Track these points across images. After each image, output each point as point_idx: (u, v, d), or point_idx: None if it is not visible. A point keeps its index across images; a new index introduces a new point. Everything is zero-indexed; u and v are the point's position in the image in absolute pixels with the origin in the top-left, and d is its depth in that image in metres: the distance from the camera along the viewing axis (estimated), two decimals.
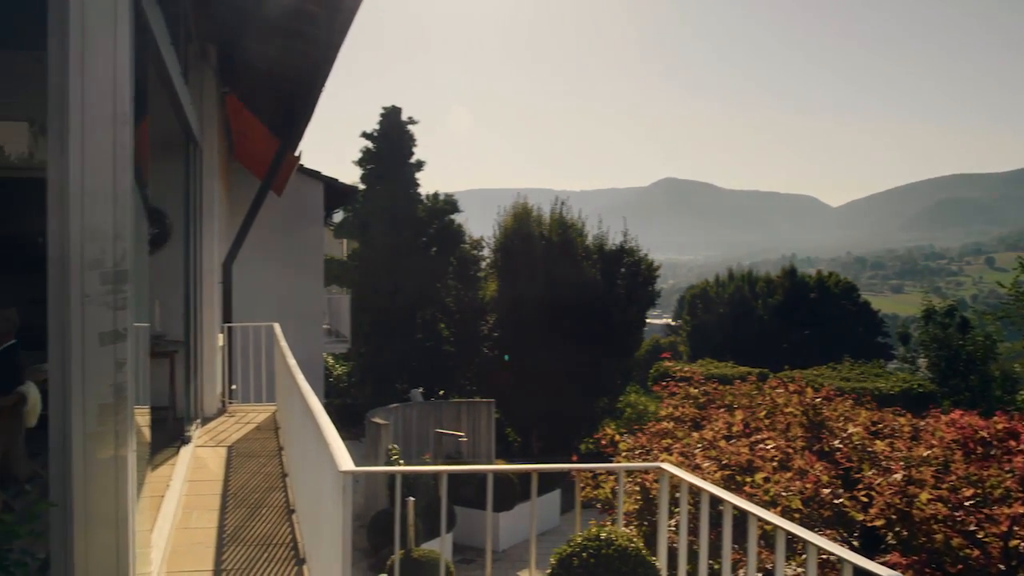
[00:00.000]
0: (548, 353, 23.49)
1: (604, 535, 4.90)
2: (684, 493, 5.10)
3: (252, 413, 10.54)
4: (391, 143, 27.33)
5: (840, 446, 10.12)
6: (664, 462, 5.91)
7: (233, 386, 11.24)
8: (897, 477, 8.71)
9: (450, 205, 28.31)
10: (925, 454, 9.10)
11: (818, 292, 42.67)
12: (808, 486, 8.68)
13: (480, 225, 29.80)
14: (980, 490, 8.19)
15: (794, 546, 7.58)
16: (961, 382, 29.40)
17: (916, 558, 8.19)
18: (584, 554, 4.81)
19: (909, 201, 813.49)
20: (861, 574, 3.53)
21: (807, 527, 4.37)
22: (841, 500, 8.86)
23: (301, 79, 9.21)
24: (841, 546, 3.83)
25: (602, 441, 10.98)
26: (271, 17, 8.11)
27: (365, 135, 27.78)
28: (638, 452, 10.32)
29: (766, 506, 7.77)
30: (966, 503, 8.12)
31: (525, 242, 25.49)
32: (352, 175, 27.91)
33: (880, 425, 11.08)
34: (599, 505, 10.12)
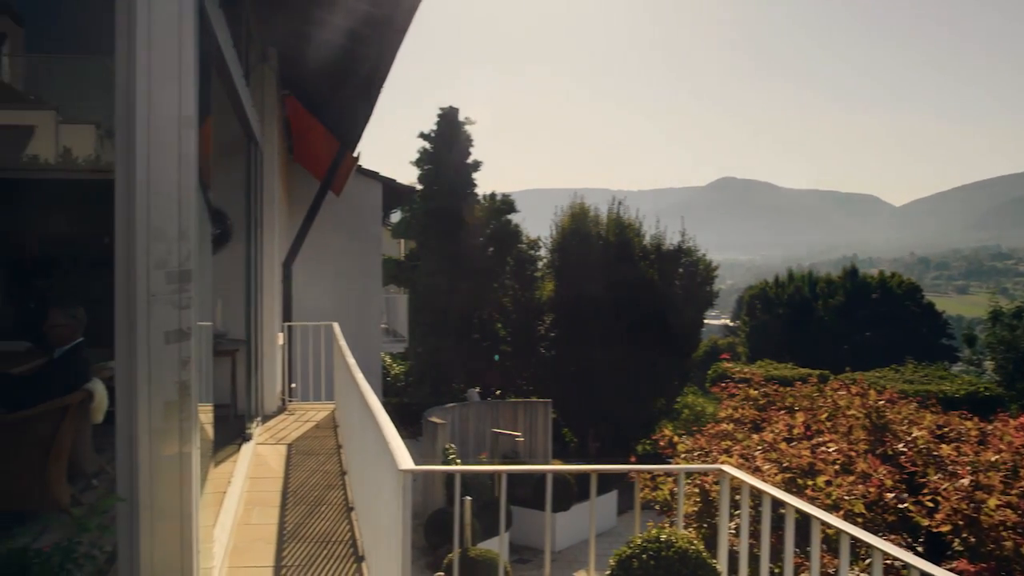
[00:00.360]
0: (605, 353, 23.40)
1: (664, 537, 4.85)
2: (745, 495, 5.03)
3: (311, 411, 10.65)
4: (448, 143, 27.43)
5: (904, 450, 9.91)
6: (724, 464, 5.84)
7: (293, 384, 11.37)
8: (964, 482, 8.51)
9: (507, 205, 28.32)
10: (993, 459, 8.87)
11: (880, 293, 41.85)
12: (871, 490, 8.52)
13: (537, 225, 29.77)
14: None
15: (857, 551, 7.45)
16: None
17: (984, 565, 7.99)
18: (644, 556, 4.77)
19: (976, 200, 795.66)
20: None
21: (870, 532, 4.28)
22: (906, 505, 8.68)
23: (360, 80, 9.29)
24: (906, 552, 3.74)
25: (660, 442, 10.90)
26: (331, 19, 8.18)
27: (422, 136, 27.91)
28: (697, 454, 10.23)
29: (828, 510, 7.64)
30: None
31: (582, 242, 25.42)
32: (410, 175, 28.08)
33: (946, 429, 10.83)
34: (657, 507, 10.06)
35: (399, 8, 6.99)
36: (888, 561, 3.86)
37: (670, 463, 10.20)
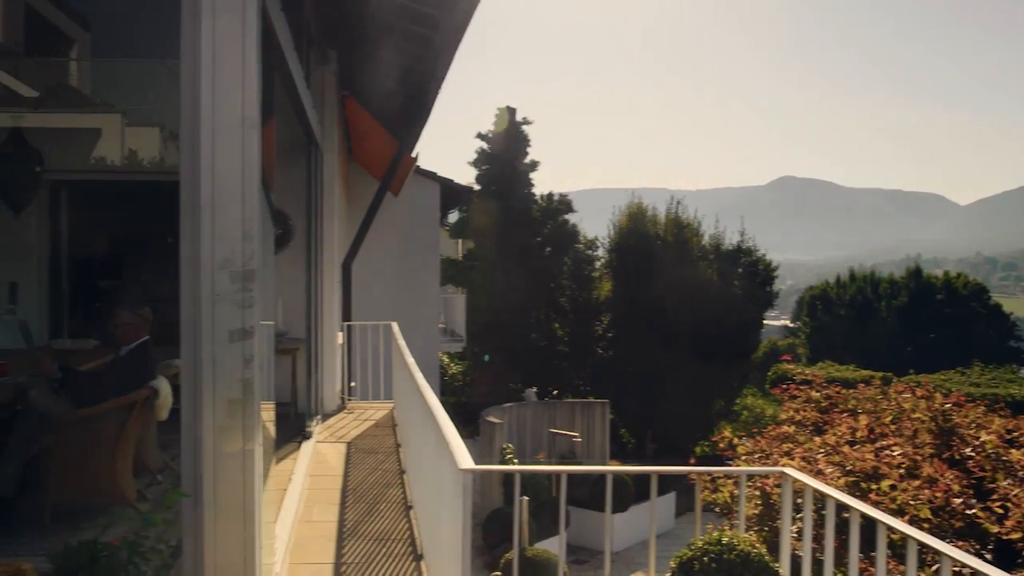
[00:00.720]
0: (663, 354, 23.26)
1: (726, 540, 4.81)
2: (808, 499, 4.95)
3: (370, 410, 10.74)
4: (505, 143, 27.47)
5: (972, 454, 9.68)
6: (786, 467, 5.77)
7: (352, 383, 11.47)
8: None
9: (564, 205, 28.27)
10: None
11: (945, 294, 41.00)
12: (938, 495, 8.34)
13: (594, 225, 29.67)
14: None
15: (923, 557, 7.30)
16: None
17: None
18: (705, 558, 4.73)
19: None
20: None
21: (937, 538, 4.20)
22: (974, 511, 8.48)
23: (418, 81, 9.34)
24: (977, 559, 3.65)
25: (720, 444, 10.80)
26: (389, 21, 8.24)
27: (480, 136, 27.99)
28: (757, 456, 10.12)
29: (893, 515, 7.50)
30: None
31: (640, 242, 25.28)
32: (467, 176, 28.16)
33: (1016, 433, 10.55)
34: (717, 509, 9.96)
35: (457, 8, 7.01)
36: (957, 568, 3.78)
37: (729, 465, 10.10)
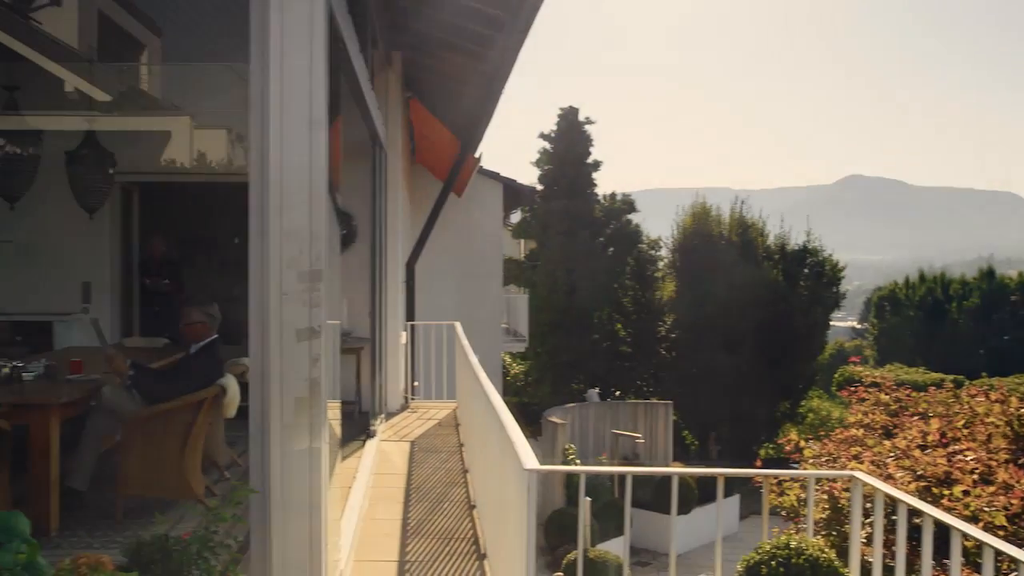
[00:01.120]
0: (727, 355, 23.04)
1: (794, 544, 4.74)
2: (879, 503, 4.85)
3: (433, 409, 10.79)
4: (568, 144, 27.43)
5: None
6: (855, 470, 5.67)
7: (415, 383, 11.54)
8: None
9: (627, 205, 28.17)
10: None
11: (1020, 295, 39.86)
12: (1014, 502, 8.10)
13: (658, 225, 29.51)
14: None
15: (999, 565, 7.11)
16: None
17: None
18: (773, 563, 4.66)
19: None
20: None
21: (1014, 546, 4.08)
22: None
23: (482, 81, 9.35)
24: None
25: (786, 447, 10.64)
26: (453, 23, 8.27)
27: (543, 136, 28.01)
28: (824, 459, 9.94)
29: (966, 521, 7.32)
30: None
31: (704, 242, 25.10)
32: (530, 176, 28.21)
33: None
34: (783, 512, 9.83)
35: (522, 8, 7.00)
36: None
37: (795, 468, 9.95)
